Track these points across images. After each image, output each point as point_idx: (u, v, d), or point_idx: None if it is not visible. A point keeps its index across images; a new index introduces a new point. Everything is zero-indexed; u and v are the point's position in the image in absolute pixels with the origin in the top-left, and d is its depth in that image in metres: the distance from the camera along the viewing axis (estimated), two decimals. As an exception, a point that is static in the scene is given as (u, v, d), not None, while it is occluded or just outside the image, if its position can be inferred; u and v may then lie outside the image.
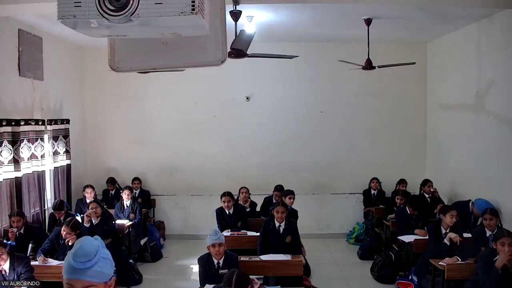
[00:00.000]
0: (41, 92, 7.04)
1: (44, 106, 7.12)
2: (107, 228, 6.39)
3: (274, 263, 5.08)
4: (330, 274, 6.90)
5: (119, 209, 7.60)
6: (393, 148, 9.00)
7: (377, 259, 6.75)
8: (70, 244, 5.20)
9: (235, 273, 3.37)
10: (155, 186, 9.14)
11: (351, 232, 8.80)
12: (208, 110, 8.98)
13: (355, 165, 9.01)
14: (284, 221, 5.67)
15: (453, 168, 7.76)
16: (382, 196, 8.52)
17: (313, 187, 9.08)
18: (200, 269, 4.58)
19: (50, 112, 7.37)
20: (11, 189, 6.01)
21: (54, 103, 7.56)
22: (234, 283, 3.26)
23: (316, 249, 7.82)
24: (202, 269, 4.54)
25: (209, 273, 4.47)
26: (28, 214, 6.38)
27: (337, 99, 9.01)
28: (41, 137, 6.86)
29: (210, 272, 4.46)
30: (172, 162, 9.08)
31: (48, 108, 7.32)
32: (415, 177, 8.42)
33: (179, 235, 8.95)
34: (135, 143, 9.06)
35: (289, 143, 9.02)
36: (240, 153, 9.03)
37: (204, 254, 4.57)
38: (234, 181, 8.31)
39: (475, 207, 6.23)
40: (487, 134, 6.67)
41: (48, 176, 7.29)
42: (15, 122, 6.10)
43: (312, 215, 8.90)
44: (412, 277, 5.68)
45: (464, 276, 4.59)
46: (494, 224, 5.25)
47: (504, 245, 4.19)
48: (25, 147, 6.34)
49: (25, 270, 4.31)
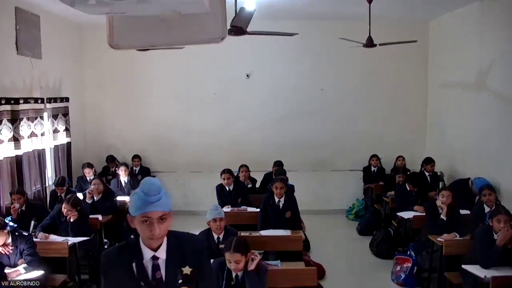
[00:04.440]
0: (40, 71, 6.99)
1: (43, 84, 7.08)
2: (108, 204, 6.42)
3: (274, 239, 5.14)
4: (330, 250, 6.98)
5: (117, 187, 7.62)
6: (393, 126, 9.01)
7: (376, 235, 6.84)
8: (71, 221, 5.26)
9: (235, 238, 3.44)
10: (155, 163, 9.18)
11: (351, 208, 8.88)
12: (208, 87, 8.95)
13: (355, 142, 9.04)
14: (283, 196, 5.71)
15: (453, 146, 7.77)
16: (381, 173, 8.56)
17: (313, 164, 9.12)
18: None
19: (49, 90, 7.33)
20: (11, 167, 6.04)
21: (53, 81, 7.52)
22: (233, 246, 3.35)
23: (315, 224, 7.89)
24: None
25: (209, 248, 4.51)
26: (30, 191, 6.43)
27: (338, 77, 8.97)
28: (40, 115, 6.85)
29: (210, 247, 4.51)
30: (172, 139, 9.10)
31: (47, 86, 7.28)
32: (415, 154, 8.47)
33: (180, 211, 8.99)
34: (135, 120, 9.06)
35: (289, 120, 9.02)
36: (240, 130, 9.04)
37: (204, 230, 4.62)
38: (234, 158, 8.33)
39: (474, 186, 6.26)
40: (487, 113, 6.66)
41: (49, 154, 7.30)
42: (14, 101, 6.08)
43: (312, 192, 8.96)
44: (410, 253, 5.75)
45: (461, 252, 4.65)
46: (493, 200, 5.29)
47: (500, 222, 4.22)
48: (24, 126, 6.34)
49: (28, 246, 4.35)
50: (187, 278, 2.09)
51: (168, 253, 2.10)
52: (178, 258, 2.10)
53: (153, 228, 1.99)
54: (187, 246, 2.15)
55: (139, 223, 2.02)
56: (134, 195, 2.04)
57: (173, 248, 2.11)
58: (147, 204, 1.98)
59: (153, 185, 2.02)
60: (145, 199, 1.98)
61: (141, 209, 1.99)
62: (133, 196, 2.05)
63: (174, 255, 2.10)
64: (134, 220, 2.04)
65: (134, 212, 2.02)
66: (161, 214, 2.00)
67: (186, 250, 2.13)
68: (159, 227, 2.00)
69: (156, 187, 2.00)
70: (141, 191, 2.00)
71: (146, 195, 1.98)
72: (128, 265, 2.07)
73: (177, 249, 2.12)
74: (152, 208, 1.98)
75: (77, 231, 5.26)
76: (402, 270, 5.62)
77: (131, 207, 2.04)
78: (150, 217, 1.98)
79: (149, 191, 1.99)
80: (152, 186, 2.01)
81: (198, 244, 2.21)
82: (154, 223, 1.99)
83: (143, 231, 2.03)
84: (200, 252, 2.18)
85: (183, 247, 2.13)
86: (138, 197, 2.00)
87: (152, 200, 1.97)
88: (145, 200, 1.98)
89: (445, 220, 5.22)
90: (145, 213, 1.98)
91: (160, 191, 2.00)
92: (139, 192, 2.02)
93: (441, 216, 5.26)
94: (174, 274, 2.09)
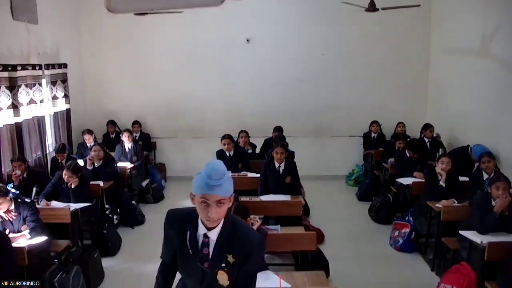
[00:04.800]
0: (37, 36, 6.87)
1: (40, 50, 6.98)
2: (109, 170, 6.46)
3: (274, 204, 5.18)
4: (329, 215, 7.05)
5: (121, 152, 7.66)
6: (394, 92, 8.94)
7: (375, 200, 6.90)
8: (73, 187, 5.29)
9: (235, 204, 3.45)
10: (155, 129, 9.19)
11: (351, 174, 8.93)
12: (208, 52, 8.84)
13: (356, 108, 9.00)
14: (283, 162, 5.73)
15: (454, 112, 7.72)
16: (382, 139, 8.56)
17: (314, 130, 9.12)
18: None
19: (47, 56, 7.23)
20: (11, 134, 6.04)
21: (50, 47, 7.41)
22: (233, 211, 3.35)
23: (315, 190, 7.95)
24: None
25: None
26: (30, 159, 6.45)
27: (339, 41, 8.83)
28: (39, 82, 6.79)
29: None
30: (172, 105, 9.06)
31: (45, 52, 7.17)
32: (415, 120, 8.44)
33: (180, 177, 9.08)
34: (135, 86, 9.00)
35: (290, 86, 8.95)
36: (240, 96, 9.00)
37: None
38: (235, 123, 8.33)
39: (473, 153, 6.26)
40: (490, 80, 6.58)
41: (48, 121, 7.29)
42: (11, 67, 6.01)
43: (312, 157, 8.99)
44: (409, 218, 5.81)
45: (459, 218, 4.70)
46: (492, 167, 5.29)
47: (499, 189, 4.24)
48: (23, 92, 6.30)
49: (31, 213, 4.39)
50: (229, 265, 2.16)
51: (219, 238, 2.17)
52: (226, 245, 2.17)
53: (210, 210, 2.05)
54: (238, 238, 2.18)
55: (198, 203, 2.09)
56: (198, 175, 2.09)
57: (224, 235, 2.17)
58: (208, 187, 2.02)
59: (216, 169, 2.05)
60: (207, 181, 2.02)
61: (202, 190, 2.04)
62: (197, 175, 2.10)
63: (223, 241, 2.17)
64: (194, 198, 2.11)
65: (195, 191, 2.09)
66: (219, 199, 2.05)
67: (235, 241, 2.17)
68: (216, 211, 2.06)
69: (218, 172, 2.04)
70: (205, 173, 2.05)
71: (208, 178, 2.02)
72: (183, 231, 2.20)
73: (228, 237, 2.17)
74: (212, 191, 2.02)
75: (78, 197, 5.31)
76: (400, 235, 5.69)
77: (194, 185, 2.09)
78: (208, 199, 2.04)
79: (211, 174, 2.02)
80: (215, 170, 2.04)
81: (249, 240, 2.22)
82: (212, 206, 2.04)
83: (201, 211, 2.10)
84: (249, 247, 2.20)
85: (234, 237, 2.18)
86: (201, 178, 2.06)
87: (213, 183, 2.01)
88: (206, 183, 2.02)
89: (444, 186, 5.25)
90: (204, 195, 2.04)
91: (222, 176, 2.04)
92: (203, 173, 2.06)
93: (440, 183, 5.29)
94: (219, 257, 2.17)
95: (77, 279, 4.26)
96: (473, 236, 4.20)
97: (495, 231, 4.20)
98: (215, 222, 2.13)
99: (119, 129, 8.69)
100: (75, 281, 4.21)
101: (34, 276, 4.09)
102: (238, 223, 2.24)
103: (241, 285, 2.23)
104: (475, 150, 6.20)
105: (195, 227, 2.19)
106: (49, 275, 4.14)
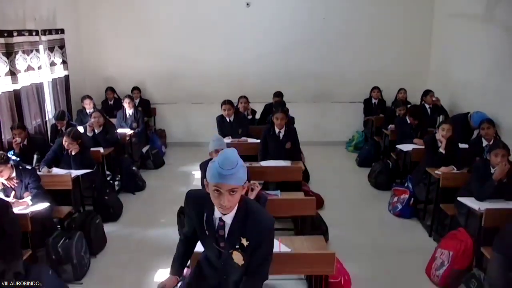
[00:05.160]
0: (32, 1, 6.72)
1: (36, 16, 6.83)
2: (109, 137, 6.46)
3: (274, 169, 5.18)
4: (329, 180, 7.09)
5: (122, 118, 7.65)
6: (396, 57, 8.83)
7: (374, 166, 6.93)
8: (73, 154, 5.31)
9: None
10: (155, 95, 9.14)
11: (351, 140, 8.95)
12: (208, 17, 8.69)
13: (357, 74, 8.91)
14: (284, 127, 5.72)
15: (456, 79, 7.65)
16: (382, 105, 8.52)
17: (314, 95, 9.07)
18: (202, 174, 4.64)
19: (44, 22, 7.08)
20: (10, 102, 5.99)
21: (46, 12, 7.24)
22: None
23: (315, 155, 7.97)
24: (204, 174, 4.62)
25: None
26: (30, 126, 6.44)
27: (340, 5, 8.67)
28: (36, 48, 6.68)
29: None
30: (171, 70, 8.98)
31: (41, 18, 7.02)
32: (417, 86, 8.37)
33: (181, 143, 9.11)
34: (134, 52, 8.88)
35: (290, 51, 8.84)
36: (240, 61, 8.90)
37: (206, 160, 4.62)
38: (235, 88, 8.28)
39: (472, 120, 6.24)
40: (494, 46, 6.47)
41: (47, 87, 7.23)
42: (7, 33, 5.90)
43: (312, 123, 8.99)
44: (408, 185, 5.85)
45: (458, 185, 4.72)
46: (491, 133, 5.29)
47: (498, 156, 4.25)
48: (20, 59, 6.21)
49: (32, 180, 4.42)
50: (243, 247, 2.29)
51: (233, 222, 2.28)
52: (240, 229, 2.28)
53: (222, 199, 2.14)
54: (251, 222, 2.26)
55: (211, 191, 2.17)
56: (212, 163, 2.17)
57: (238, 219, 2.27)
58: (220, 176, 2.09)
59: (229, 159, 2.11)
60: (220, 171, 2.09)
61: (215, 178, 2.12)
62: (211, 163, 2.18)
63: (237, 226, 2.28)
64: (208, 185, 2.20)
65: (209, 179, 2.17)
66: (232, 188, 2.12)
67: (249, 225, 2.26)
68: (228, 199, 2.14)
69: (231, 161, 2.10)
70: (217, 161, 2.12)
71: (221, 168, 2.09)
72: (201, 212, 2.33)
73: (242, 221, 2.27)
74: (224, 180, 2.09)
75: (79, 164, 5.33)
76: (399, 201, 5.75)
77: (208, 173, 2.17)
78: (221, 188, 2.11)
79: (223, 164, 2.10)
80: (227, 160, 2.11)
81: (262, 225, 2.28)
82: (224, 195, 2.12)
83: (214, 199, 2.19)
84: (262, 232, 2.28)
85: (248, 222, 2.27)
86: (214, 167, 2.13)
87: (225, 173, 2.08)
88: (219, 172, 2.09)
89: (443, 153, 5.26)
90: (216, 184, 2.12)
91: (235, 166, 2.10)
92: (216, 162, 2.14)
93: (440, 150, 5.29)
94: (233, 239, 2.30)
95: (80, 244, 4.33)
96: (471, 203, 4.24)
97: (493, 198, 4.23)
98: (228, 209, 2.22)
99: (118, 96, 8.63)
100: (78, 246, 4.28)
101: (37, 243, 4.17)
102: (253, 208, 2.31)
103: (255, 266, 2.34)
104: (474, 118, 6.18)
105: (211, 211, 2.30)
106: (53, 241, 4.20)
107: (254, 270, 2.35)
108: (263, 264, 2.36)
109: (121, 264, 4.64)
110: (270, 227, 2.33)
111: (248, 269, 2.36)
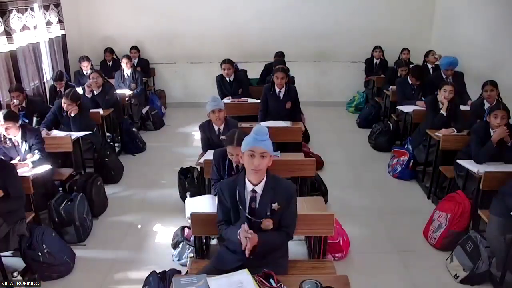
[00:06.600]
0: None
1: (29, -29, 6.66)
2: (108, 98, 6.39)
3: (274, 130, 5.09)
4: (329, 141, 7.11)
5: (120, 79, 7.57)
6: (399, 16, 8.65)
7: (375, 127, 6.91)
8: (72, 116, 5.27)
9: (236, 132, 3.46)
10: (154, 55, 9.01)
11: (351, 100, 8.89)
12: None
13: (358, 33, 8.75)
14: (284, 87, 5.66)
15: (460, 40, 7.50)
16: (384, 66, 8.41)
17: (314, 55, 8.94)
18: (201, 135, 4.66)
19: (37, -22, 6.90)
20: (7, 63, 5.91)
21: (40, -33, 7.05)
22: (236, 139, 3.37)
23: (316, 116, 7.95)
24: (203, 135, 4.63)
25: (210, 139, 4.57)
26: (28, 88, 6.38)
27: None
28: (30, 6, 6.53)
29: (211, 138, 4.56)
30: (170, 29, 8.82)
31: (35, -27, 6.84)
32: (419, 47, 8.22)
33: (180, 103, 9.07)
34: (132, 10, 8.69)
35: (291, 9, 8.66)
36: (240, 19, 8.73)
37: (205, 121, 4.61)
38: (234, 48, 8.19)
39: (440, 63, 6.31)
40: (499, 6, 6.31)
41: (44, 48, 7.12)
42: (0, -9, 5.77)
43: (313, 83, 8.93)
44: (408, 146, 5.85)
45: (457, 147, 4.71)
46: (494, 96, 5.19)
47: (497, 117, 4.19)
48: (15, 18, 6.08)
49: (36, 141, 4.41)
50: (274, 212, 2.69)
51: (264, 190, 2.69)
52: (271, 196, 2.69)
53: (255, 160, 2.58)
54: (279, 188, 2.71)
55: (247, 157, 2.61)
56: (248, 136, 2.66)
57: (268, 187, 2.70)
58: (255, 141, 2.58)
59: (262, 129, 2.64)
60: (255, 137, 2.59)
61: (250, 144, 2.59)
62: (247, 137, 2.66)
63: (268, 193, 2.70)
64: (243, 155, 2.65)
65: (244, 148, 2.64)
66: (262, 151, 2.58)
67: (278, 191, 2.70)
68: (260, 160, 2.59)
69: (264, 131, 2.62)
70: (253, 132, 2.61)
71: (256, 135, 2.59)
72: (233, 192, 2.73)
73: (272, 188, 2.70)
74: (258, 144, 2.57)
75: (79, 125, 5.30)
76: (398, 163, 5.77)
77: (243, 144, 2.65)
78: (254, 151, 2.57)
79: (258, 132, 2.60)
80: (262, 129, 2.64)
81: (288, 188, 2.75)
82: (257, 156, 2.58)
83: (248, 164, 2.63)
84: (290, 195, 2.73)
85: (276, 188, 2.71)
86: (250, 136, 2.63)
87: (259, 139, 2.58)
88: (254, 138, 2.59)
89: (444, 115, 5.22)
90: (251, 147, 2.58)
91: (266, 136, 2.61)
92: (251, 133, 2.62)
93: (441, 111, 5.24)
94: (264, 207, 2.70)
95: (82, 206, 4.37)
96: (469, 165, 4.23)
97: (493, 161, 4.23)
98: (260, 174, 2.66)
99: (117, 57, 8.50)
100: (80, 208, 4.32)
101: (40, 205, 4.21)
102: (276, 177, 2.76)
103: (284, 226, 2.77)
104: (442, 61, 6.18)
105: (243, 186, 2.71)
106: (55, 203, 4.24)
107: (283, 230, 2.76)
108: (291, 225, 2.80)
109: (123, 225, 4.70)
110: (295, 189, 2.81)
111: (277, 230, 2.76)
